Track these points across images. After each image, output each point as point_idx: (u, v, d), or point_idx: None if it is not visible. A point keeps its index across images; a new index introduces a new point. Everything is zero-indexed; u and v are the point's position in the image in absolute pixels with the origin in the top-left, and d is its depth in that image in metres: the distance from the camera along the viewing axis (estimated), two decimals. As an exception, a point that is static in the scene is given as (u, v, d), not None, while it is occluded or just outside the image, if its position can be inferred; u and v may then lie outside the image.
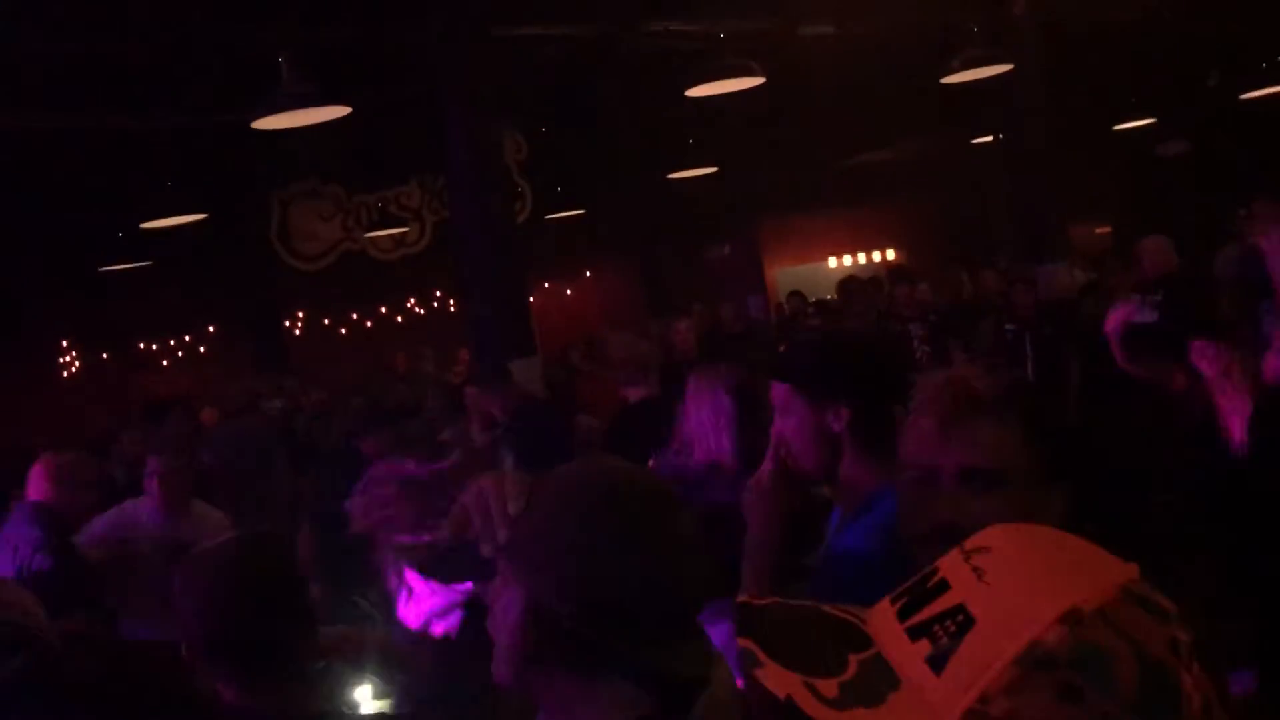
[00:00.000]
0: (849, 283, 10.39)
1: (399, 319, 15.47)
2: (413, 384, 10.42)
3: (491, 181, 7.89)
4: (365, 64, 7.89)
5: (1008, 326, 8.19)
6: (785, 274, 14.65)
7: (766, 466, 2.17)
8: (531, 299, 9.47)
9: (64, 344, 14.23)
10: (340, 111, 5.62)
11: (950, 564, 0.90)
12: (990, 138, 11.15)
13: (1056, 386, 7.92)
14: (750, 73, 6.76)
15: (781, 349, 3.47)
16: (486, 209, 7.79)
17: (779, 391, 2.13)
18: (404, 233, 11.30)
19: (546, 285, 15.54)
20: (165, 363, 14.77)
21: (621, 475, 1.32)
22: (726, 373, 4.02)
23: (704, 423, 3.83)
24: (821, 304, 10.78)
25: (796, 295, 11.77)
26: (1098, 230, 14.11)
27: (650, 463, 4.02)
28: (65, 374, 14.39)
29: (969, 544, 0.92)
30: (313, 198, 10.94)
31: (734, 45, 7.16)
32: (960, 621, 0.85)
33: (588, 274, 16.60)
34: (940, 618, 0.86)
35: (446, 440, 6.36)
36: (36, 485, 4.30)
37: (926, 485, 1.56)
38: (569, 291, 16.40)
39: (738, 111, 9.26)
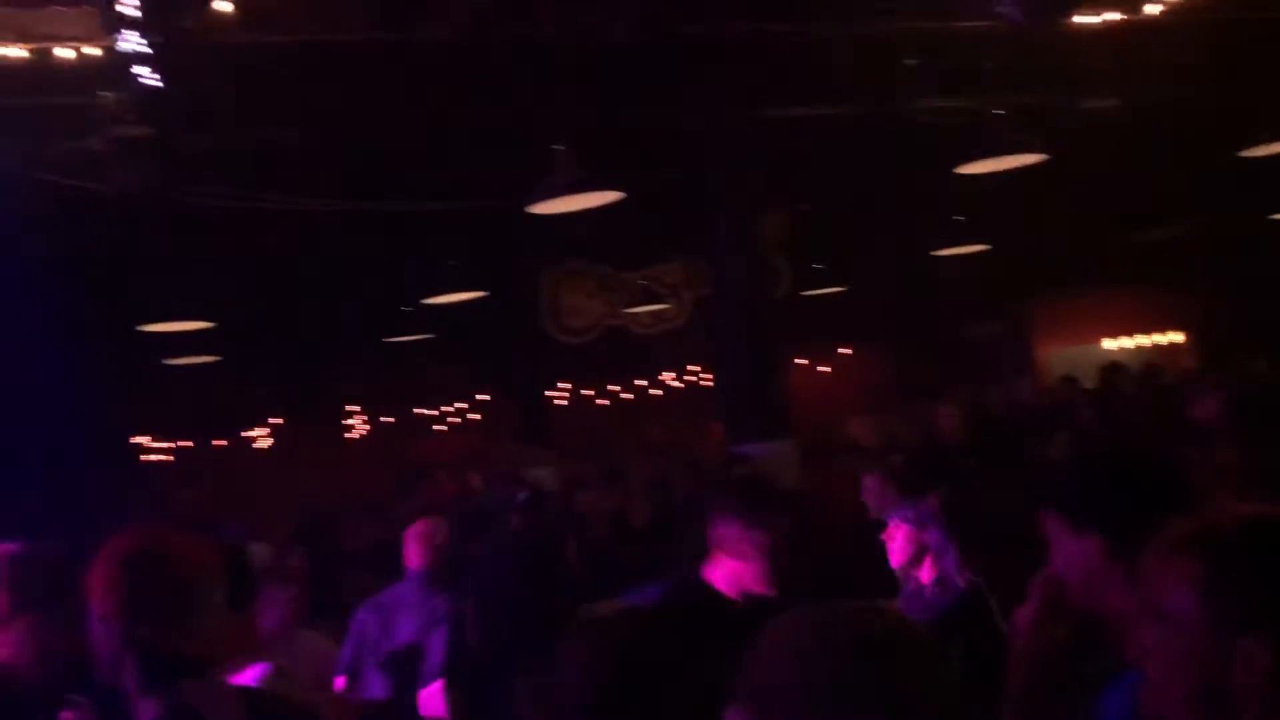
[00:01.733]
0: (1114, 371, 9.73)
1: (656, 392, 15.76)
2: (666, 458, 10.54)
3: (752, 260, 7.93)
4: (634, 148, 8.15)
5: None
6: (1058, 355, 13.89)
7: (1030, 602, 2.01)
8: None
9: (352, 409, 15.35)
10: (612, 197, 5.80)
11: None
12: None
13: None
14: (1029, 149, 6.49)
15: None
16: (745, 287, 7.82)
17: (1044, 517, 1.98)
18: (664, 309, 11.50)
19: (801, 363, 15.42)
20: (441, 428, 15.66)
21: (883, 626, 1.21)
22: None
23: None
24: (1095, 393, 10.04)
25: (1069, 381, 11.09)
26: None
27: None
28: (352, 436, 15.52)
29: None
30: (580, 275, 11.34)
31: (1010, 120, 6.91)
32: None
33: (843, 352, 16.37)
34: None
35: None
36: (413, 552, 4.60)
37: None
38: (824, 369, 16.20)
39: (1010, 186, 8.92)
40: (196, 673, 1.94)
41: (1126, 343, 14.61)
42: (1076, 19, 6.57)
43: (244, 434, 15.23)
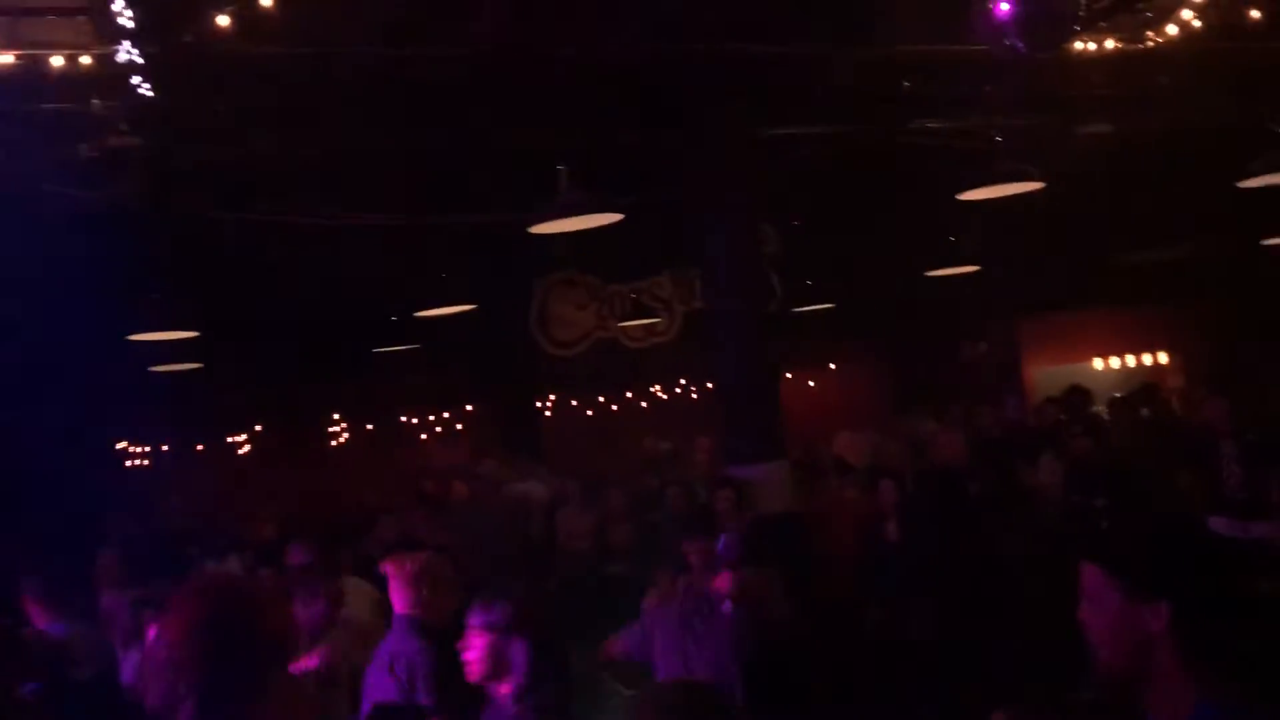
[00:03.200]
0: (1076, 393, 9.79)
1: (644, 405, 15.73)
2: (659, 473, 10.49)
3: (746, 274, 7.87)
4: (629, 162, 8.11)
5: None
6: (1045, 374, 13.92)
7: None
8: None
9: (335, 417, 15.26)
10: (613, 218, 5.76)
11: None
12: (1285, 239, 10.28)
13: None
14: (1028, 177, 6.49)
15: (1102, 526, 3.15)
16: (739, 301, 7.75)
17: (1091, 575, 1.93)
18: (654, 322, 11.46)
19: (789, 376, 15.40)
20: (424, 437, 15.58)
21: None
22: None
23: None
24: (1093, 418, 9.96)
25: (1052, 403, 11.09)
26: None
27: None
28: (333, 444, 15.43)
29: None
30: (570, 286, 11.28)
31: (1006, 145, 6.91)
32: None
33: (832, 366, 16.37)
34: None
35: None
36: (397, 591, 4.19)
37: None
38: (812, 384, 16.20)
39: (1003, 208, 8.94)
40: None
41: (1115, 363, 14.65)
42: (1076, 45, 6.59)
43: (225, 439, 15.12)
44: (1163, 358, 14.75)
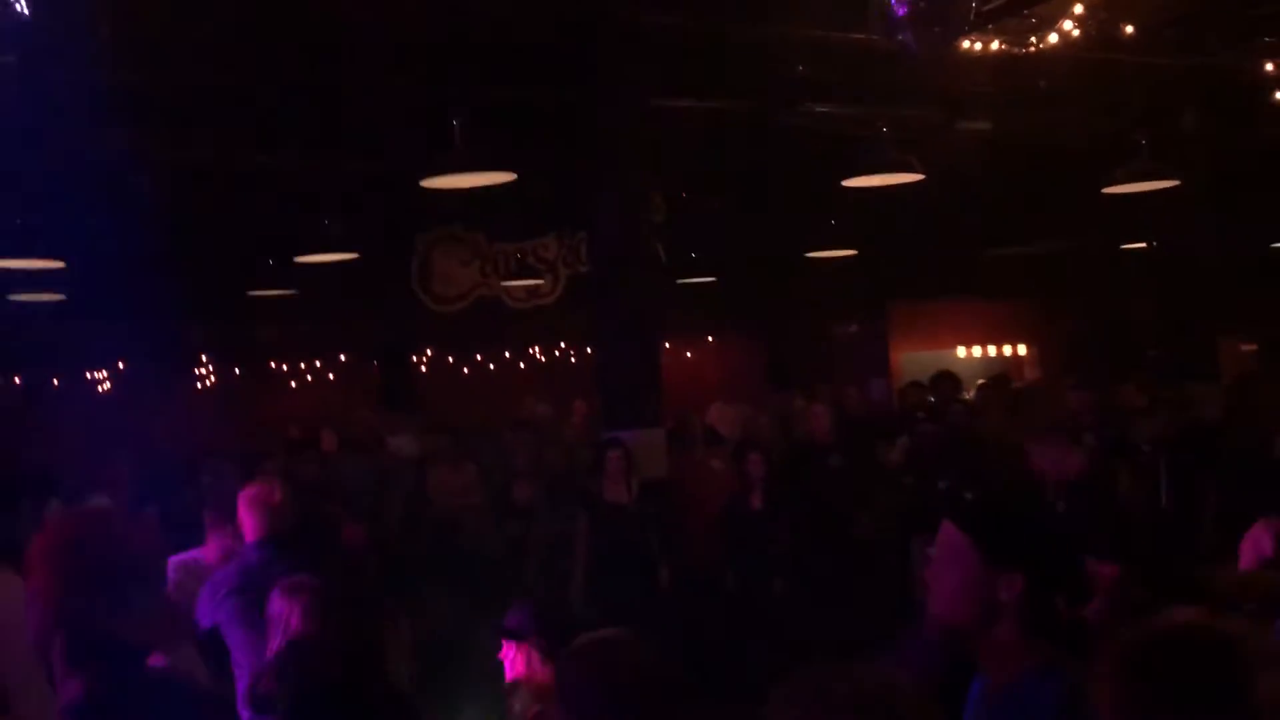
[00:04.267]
0: (943, 379, 10.19)
1: (521, 365, 15.72)
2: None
3: (632, 242, 7.93)
4: (522, 122, 8.09)
5: (1144, 447, 7.85)
6: (910, 359, 14.40)
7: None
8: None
9: (203, 358, 14.81)
10: (506, 177, 5.75)
11: None
12: (1142, 244, 10.85)
13: (1190, 516, 7.57)
14: (910, 168, 6.72)
15: (969, 496, 3.30)
16: (625, 268, 7.82)
17: (952, 537, 2.02)
18: (538, 284, 11.46)
19: (667, 346, 15.58)
20: (293, 384, 15.26)
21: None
22: None
23: None
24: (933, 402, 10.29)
25: (915, 386, 11.46)
26: (1243, 347, 13.53)
27: None
28: (200, 386, 14.99)
29: None
30: (455, 242, 11.19)
31: (890, 135, 7.14)
32: None
33: (710, 339, 16.62)
34: None
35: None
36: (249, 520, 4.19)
37: None
38: (689, 354, 16.42)
39: (880, 194, 9.21)
40: (127, 656, 1.87)
41: (976, 352, 15.23)
42: (963, 44, 6.84)
43: (85, 376, 14.55)
44: (1021, 349, 15.41)
